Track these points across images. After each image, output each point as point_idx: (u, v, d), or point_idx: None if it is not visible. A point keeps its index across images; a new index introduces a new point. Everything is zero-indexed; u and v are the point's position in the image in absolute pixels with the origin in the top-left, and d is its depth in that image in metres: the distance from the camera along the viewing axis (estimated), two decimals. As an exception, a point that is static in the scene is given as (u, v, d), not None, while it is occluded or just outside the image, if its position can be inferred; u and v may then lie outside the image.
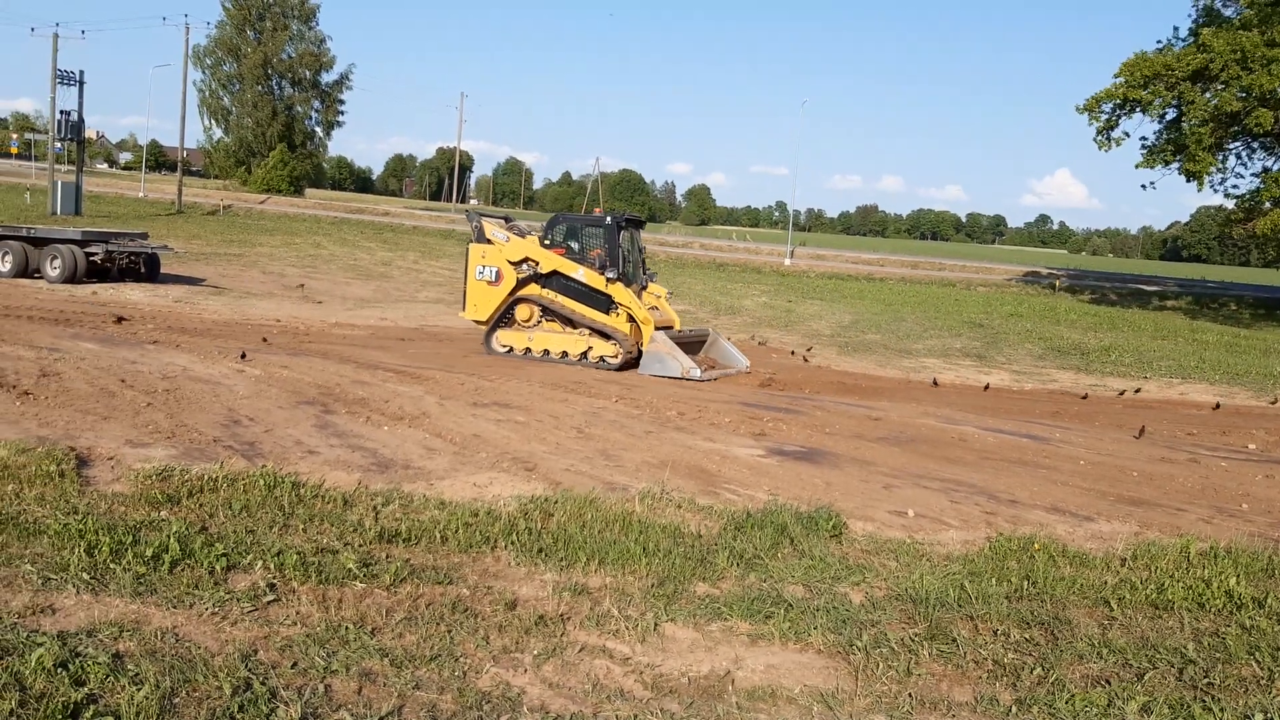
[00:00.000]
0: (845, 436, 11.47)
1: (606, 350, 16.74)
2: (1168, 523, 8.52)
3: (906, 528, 7.84)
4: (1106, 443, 12.55)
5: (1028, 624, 5.86)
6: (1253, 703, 4.90)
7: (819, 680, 5.05)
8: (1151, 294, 46.44)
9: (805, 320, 26.71)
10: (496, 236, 17.51)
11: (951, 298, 37.97)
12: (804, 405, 13.61)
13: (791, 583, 6.33)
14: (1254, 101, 34.83)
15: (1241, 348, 26.27)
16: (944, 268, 55.64)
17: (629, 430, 10.81)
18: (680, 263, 48.83)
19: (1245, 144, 40.55)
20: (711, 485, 8.70)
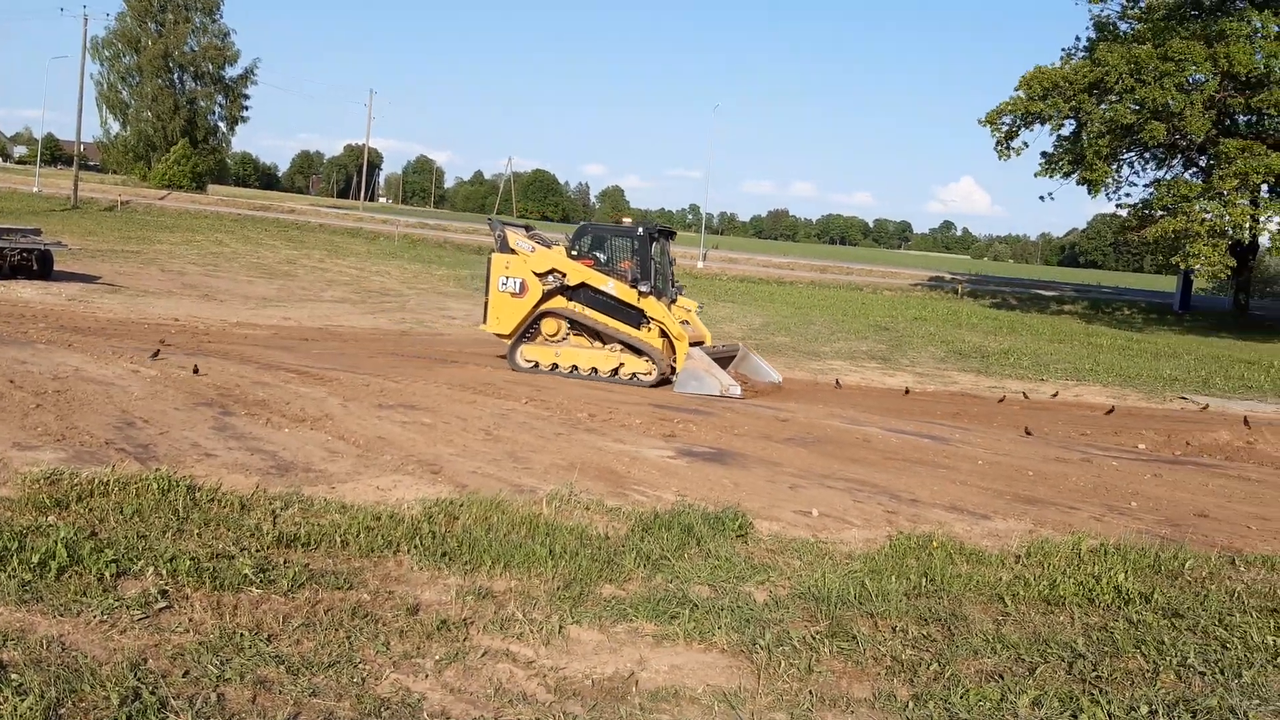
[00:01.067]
0: (753, 438, 11.58)
1: (640, 367, 16.06)
2: (1061, 520, 8.78)
3: (811, 527, 7.94)
4: (1004, 443, 12.89)
5: (925, 620, 5.98)
6: (1139, 695, 5.06)
7: (722, 679, 5.08)
8: (1050, 299, 47.89)
9: (717, 322, 26.88)
10: (521, 246, 16.55)
11: (859, 301, 38.66)
12: (714, 407, 13.72)
13: (697, 583, 6.36)
14: (1147, 114, 36.17)
15: (1134, 351, 27.26)
16: (852, 272, 56.63)
17: (538, 432, 10.76)
18: (592, 264, 48.84)
19: (1139, 155, 42.14)
20: (620, 487, 8.71)
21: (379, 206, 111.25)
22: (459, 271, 35.56)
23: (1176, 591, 6.82)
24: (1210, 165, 37.64)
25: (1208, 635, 5.96)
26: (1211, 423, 15.65)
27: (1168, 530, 8.68)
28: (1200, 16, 37.24)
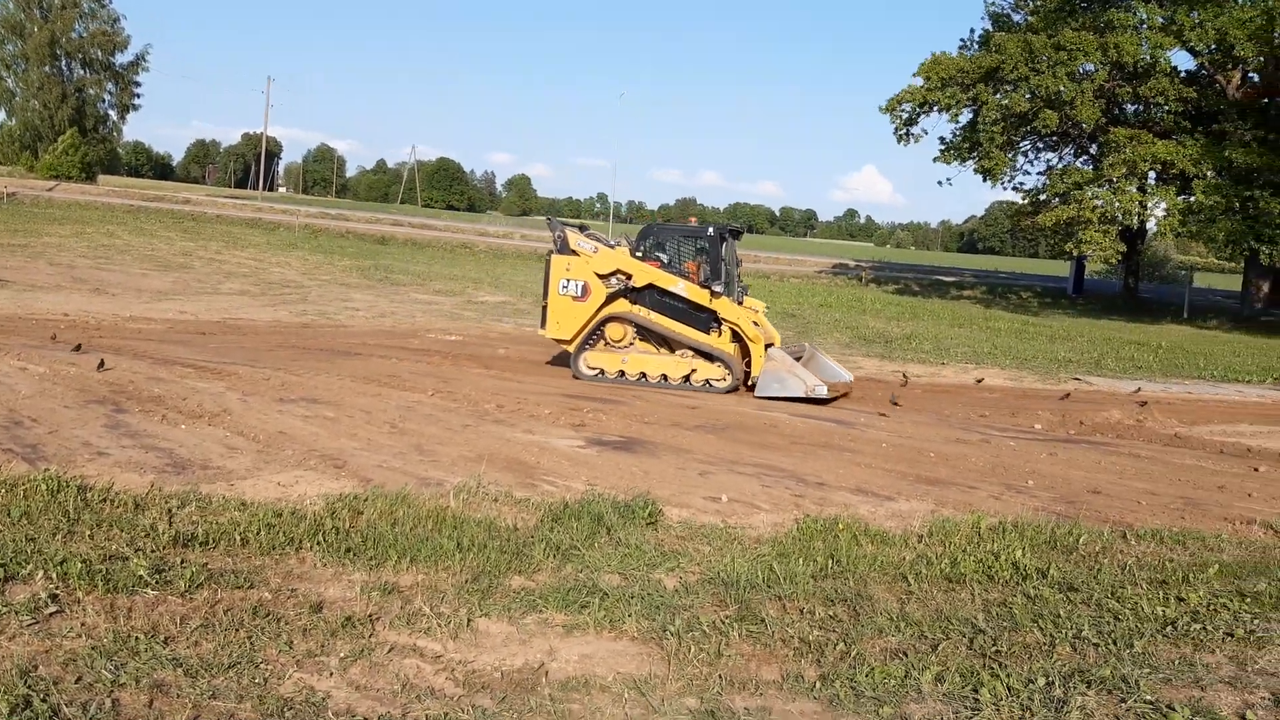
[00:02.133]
0: (663, 425, 11.61)
1: (713, 373, 15.21)
2: (961, 500, 8.99)
3: (720, 513, 8.00)
4: (907, 426, 13.14)
5: (832, 601, 6.07)
6: (1036, 667, 5.21)
7: (632, 667, 5.09)
8: (950, 284, 49.04)
9: (625, 311, 26.94)
10: (583, 247, 15.55)
11: (766, 289, 39.02)
12: (624, 395, 13.72)
13: (608, 572, 6.35)
14: (1040, 102, 37.21)
15: (1029, 334, 28.04)
16: (759, 260, 57.14)
17: (445, 424, 10.63)
18: (501, 253, 48.51)
19: (1033, 143, 43.39)
20: (530, 477, 8.65)
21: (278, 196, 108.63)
22: (362, 262, 34.97)
23: (1071, 566, 7.04)
24: (1100, 153, 38.90)
25: (1101, 608, 6.17)
26: (1104, 402, 16.18)
27: (1063, 507, 8.95)
28: (1090, 8, 38.42)
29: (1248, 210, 33.98)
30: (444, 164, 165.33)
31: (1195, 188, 36.08)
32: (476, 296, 27.57)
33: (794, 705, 4.73)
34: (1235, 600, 6.37)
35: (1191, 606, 6.19)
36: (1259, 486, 10.33)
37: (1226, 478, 10.75)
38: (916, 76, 40.13)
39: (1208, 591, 6.50)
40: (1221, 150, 34.79)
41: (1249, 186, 33.91)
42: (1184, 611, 6.10)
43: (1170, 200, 37.20)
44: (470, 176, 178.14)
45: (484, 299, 27.18)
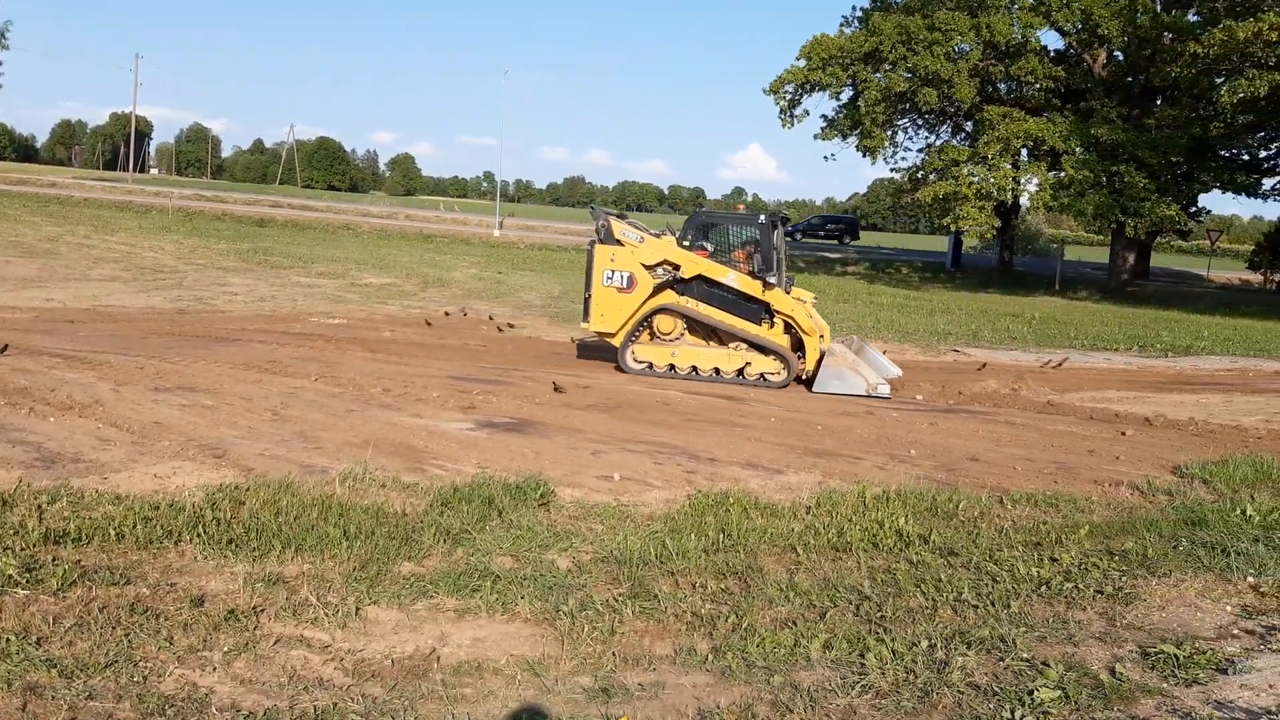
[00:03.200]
0: (554, 406, 11.57)
1: (768, 366, 14.66)
2: (847, 471, 9.19)
3: (613, 491, 8.02)
4: (795, 400, 13.38)
5: (723, 574, 6.15)
6: (919, 631, 5.37)
7: (526, 649, 5.07)
8: (835, 261, 49.97)
9: (516, 291, 26.75)
10: (628, 237, 14.96)
11: (655, 267, 39.21)
12: (514, 377, 13.62)
13: (500, 554, 6.32)
14: (919, 81, 38.09)
15: (911, 308, 28.76)
16: (648, 238, 57.31)
17: (330, 410, 10.41)
18: (385, 234, 47.62)
19: (912, 121, 44.44)
20: (418, 462, 8.54)
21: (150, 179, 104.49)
22: (240, 245, 33.92)
23: (952, 531, 7.27)
24: (976, 131, 40.05)
25: (980, 571, 6.38)
26: (981, 373, 16.71)
27: (943, 475, 9.22)
28: (964, -12, 39.44)
29: (1114, 184, 35.40)
30: (324, 143, 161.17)
31: (1065, 163, 37.42)
32: (361, 279, 27.01)
33: (686, 679, 4.78)
34: (1105, 559, 6.65)
35: (1064, 566, 6.45)
36: (1126, 450, 10.81)
37: (1096, 442, 11.22)
38: (799, 58, 40.65)
39: (1079, 551, 6.78)
40: (1089, 127, 36.15)
41: (1115, 161, 35.32)
42: (1057, 571, 6.35)
43: (1041, 176, 38.52)
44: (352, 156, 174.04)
45: (368, 281, 26.66)
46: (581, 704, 4.50)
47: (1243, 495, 8.49)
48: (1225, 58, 29.92)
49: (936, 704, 4.54)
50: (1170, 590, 6.16)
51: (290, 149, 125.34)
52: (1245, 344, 22.26)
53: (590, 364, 15.78)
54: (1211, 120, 35.00)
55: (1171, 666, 4.94)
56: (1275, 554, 6.82)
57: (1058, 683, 4.69)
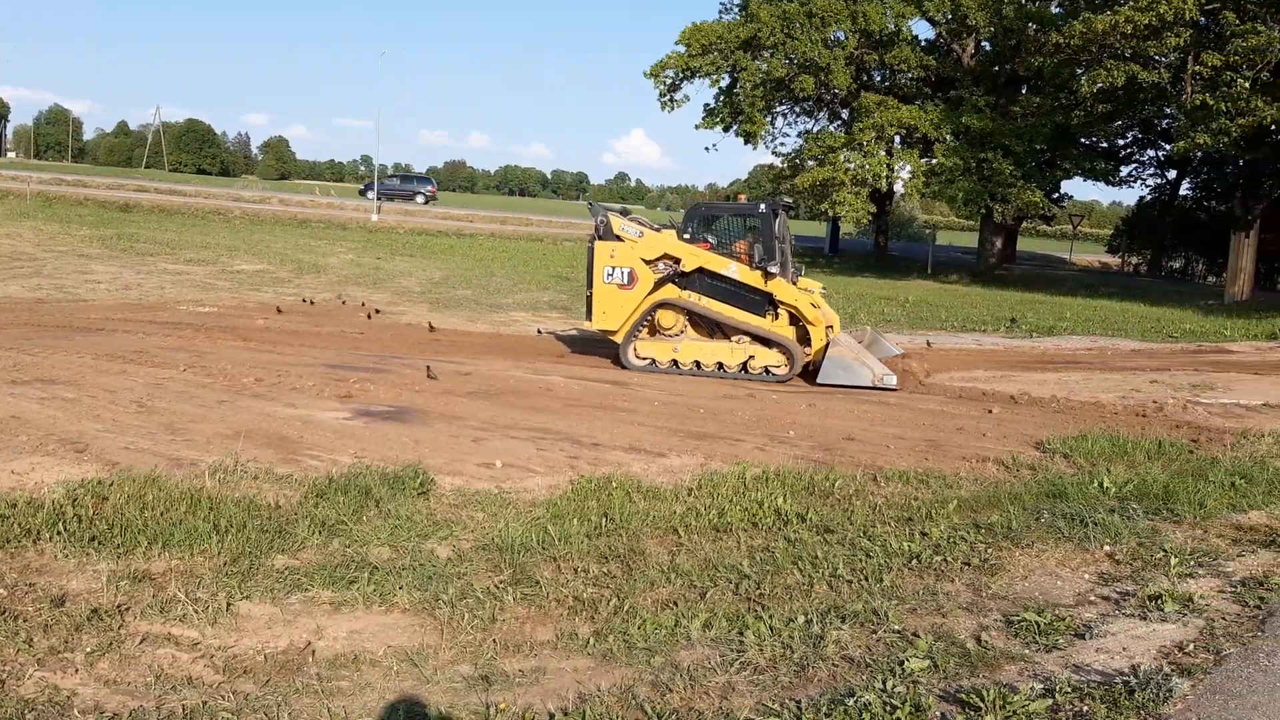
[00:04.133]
0: (435, 393, 11.42)
1: (772, 359, 14.36)
2: (728, 452, 9.31)
3: (495, 479, 7.96)
4: (678, 384, 13.48)
5: (606, 558, 6.17)
6: (796, 607, 5.48)
7: (404, 639, 5.01)
8: (717, 245, 50.38)
9: (395, 277, 26.26)
10: (627, 232, 14.57)
11: (540, 252, 39.01)
12: (393, 364, 13.38)
13: (377, 545, 6.22)
14: (796, 68, 38.71)
15: (791, 292, 29.27)
16: (532, 223, 57.09)
17: (199, 401, 10.06)
18: (258, 219, 46.21)
19: (791, 107, 45.13)
20: (292, 453, 8.32)
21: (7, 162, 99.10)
22: (104, 231, 32.47)
23: (828, 509, 7.44)
24: (852, 118, 40.91)
25: (854, 546, 6.55)
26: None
27: (821, 454, 9.42)
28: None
29: (982, 171, 36.60)
30: (193, 125, 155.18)
31: (936, 151, 38.55)
32: (232, 265, 26.17)
33: (568, 663, 4.78)
34: (972, 532, 6.90)
35: (934, 540, 6.67)
36: (993, 427, 11.21)
37: (965, 420, 11.61)
38: (679, 44, 40.86)
39: (948, 525, 7.02)
40: (959, 115, 37.29)
41: (983, 149, 36.51)
42: (927, 545, 6.56)
43: (914, 163, 39.59)
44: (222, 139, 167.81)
45: (241, 268, 25.84)
46: (461, 693, 4.47)
47: (1100, 468, 8.90)
48: (1085, 49, 31.13)
49: (812, 678, 4.64)
50: (1033, 560, 6.43)
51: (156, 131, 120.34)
52: (1104, 324, 23.31)
53: (471, 351, 15.62)
54: (1073, 109, 36.46)
55: (1033, 633, 5.16)
56: (1129, 524, 7.17)
57: (927, 653, 4.85)
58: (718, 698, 4.42)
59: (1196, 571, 6.24)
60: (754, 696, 4.43)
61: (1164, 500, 7.75)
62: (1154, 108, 35.58)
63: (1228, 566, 6.36)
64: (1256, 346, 20.26)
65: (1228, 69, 29.36)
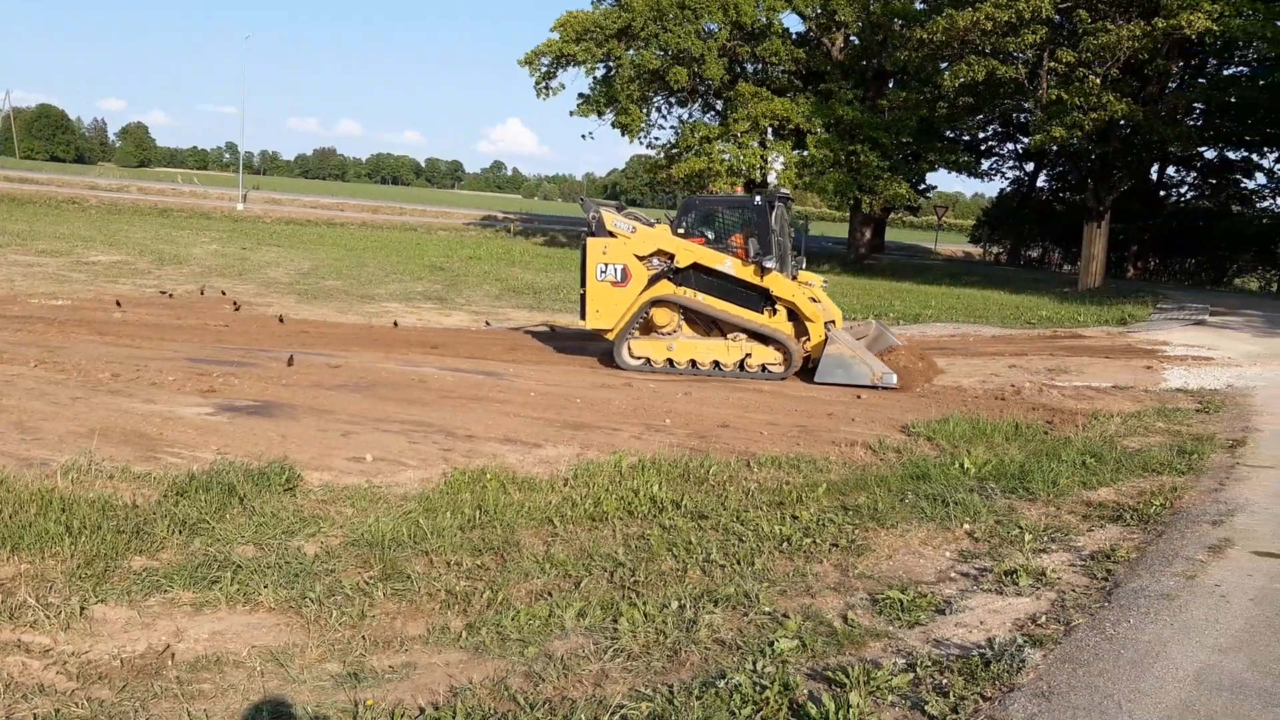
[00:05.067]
0: (303, 387, 11.13)
1: (769, 357, 13.99)
2: (605, 442, 9.33)
3: (365, 473, 7.80)
4: (556, 374, 13.45)
5: (480, 551, 6.11)
6: (670, 593, 5.53)
7: (269, 639, 4.87)
8: (594, 235, 50.41)
9: (262, 268, 25.51)
10: (620, 228, 14.11)
11: (413, 242, 38.41)
12: (259, 358, 13.00)
13: (241, 543, 6.03)
14: (671, 59, 38.96)
15: (667, 281, 29.49)
16: (405, 212, 56.18)
17: (51, 398, 9.59)
18: (116, 208, 44.28)
19: (665, 98, 45.39)
20: (151, 450, 8.00)
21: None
22: (-53, 221, 30.71)
23: (702, 495, 7.53)
24: (726, 109, 41.39)
25: (727, 532, 6.64)
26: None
27: (696, 442, 9.53)
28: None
29: (851, 163, 37.50)
30: (45, 111, 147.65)
31: (809, 143, 39.31)
32: (88, 256, 25.02)
33: (439, 657, 4.73)
34: (840, 514, 7.09)
35: (804, 523, 6.82)
36: (861, 412, 11.52)
37: (834, 406, 11.89)
38: (554, 30, 40.69)
39: (818, 508, 7.19)
40: (829, 108, 38.10)
41: (852, 141, 37.41)
42: (797, 528, 6.71)
43: (787, 154, 40.30)
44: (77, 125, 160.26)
45: (97, 259, 24.73)
46: (329, 691, 4.37)
47: (961, 450, 9.24)
48: (948, 44, 32.15)
49: (685, 661, 4.70)
50: (897, 540, 6.64)
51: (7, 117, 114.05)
52: (967, 311, 24.17)
53: (341, 343, 15.27)
54: (937, 103, 37.65)
55: (897, 610, 5.32)
56: (988, 503, 7.47)
57: (796, 633, 4.96)
58: (591, 685, 4.44)
59: (1049, 547, 6.54)
60: (627, 683, 4.46)
61: (1020, 480, 8.09)
62: (1013, 102, 37.00)
63: (1078, 541, 6.68)
64: (1107, 331, 21.31)
65: (1080, 65, 30.76)
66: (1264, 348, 18.83)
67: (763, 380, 13.68)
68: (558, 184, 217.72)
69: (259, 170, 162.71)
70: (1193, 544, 6.53)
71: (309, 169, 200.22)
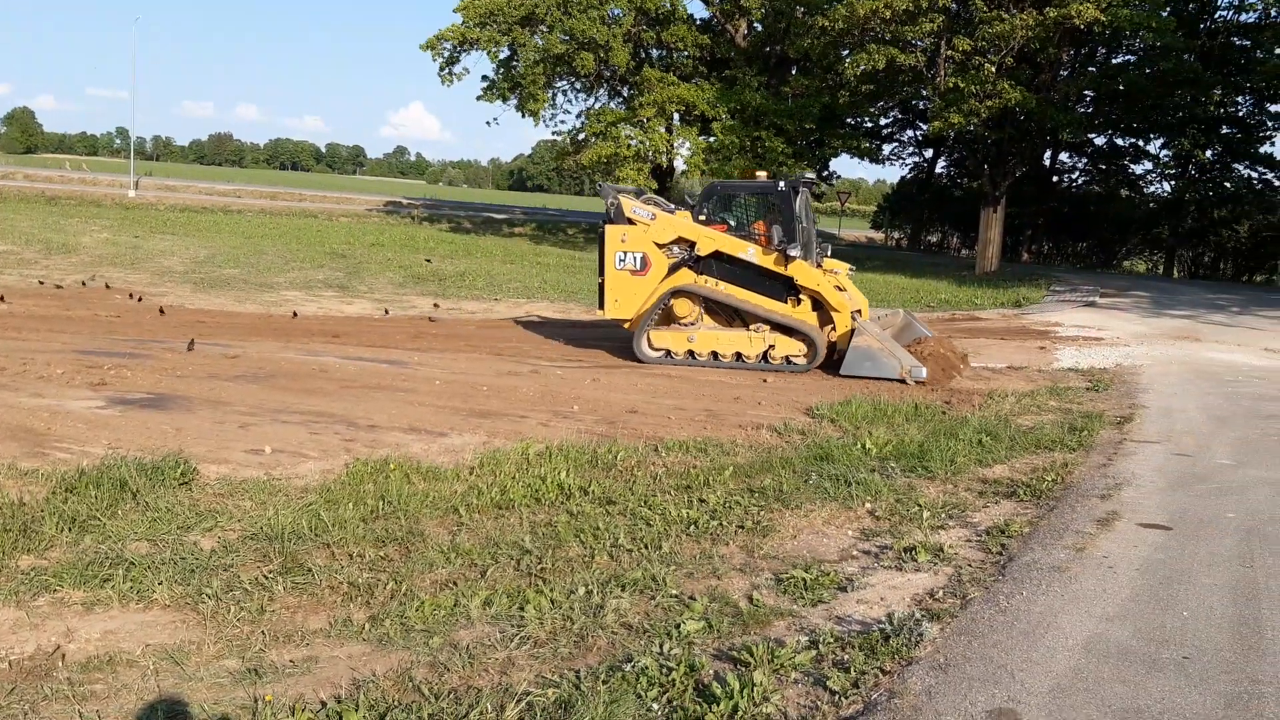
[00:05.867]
0: (199, 378, 10.83)
1: (793, 348, 13.53)
2: (512, 429, 9.27)
3: (264, 465, 7.63)
4: (462, 362, 13.31)
5: (383, 542, 6.03)
6: (577, 579, 5.53)
7: (165, 637, 4.74)
8: (501, 222, 50.17)
9: (155, 257, 24.72)
10: (639, 215, 13.66)
11: (314, 229, 37.61)
12: (153, 349, 12.60)
13: (134, 540, 5.84)
14: (576, 45, 38.78)
15: (576, 268, 29.44)
16: (305, 199, 55.00)
17: (-72, 393, 9.17)
18: (1, 196, 42.44)
19: (571, 83, 45.20)
20: (39, 446, 7.70)
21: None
22: None
23: (610, 481, 7.53)
24: (632, 95, 41.40)
25: (635, 516, 6.66)
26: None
27: (605, 428, 9.53)
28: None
29: (757, 149, 37.83)
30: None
31: (715, 128, 39.53)
32: (-31, 245, 23.97)
33: (342, 650, 4.65)
34: (746, 496, 7.17)
35: (711, 506, 6.88)
36: (767, 395, 11.66)
37: (741, 390, 12.02)
38: (457, 13, 40.15)
39: (724, 491, 7.26)
40: (734, 94, 38.37)
41: (757, 127, 37.75)
42: (704, 511, 6.76)
43: (693, 139, 40.47)
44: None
45: (-21, 248, 23.70)
46: (227, 688, 4.27)
47: (863, 431, 9.42)
48: (849, 32, 32.65)
49: (592, 647, 4.70)
50: (802, 520, 6.74)
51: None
52: (869, 295, 24.41)
53: (238, 332, 14.90)
54: (839, 90, 38.17)
55: (800, 589, 5.41)
56: (889, 482, 7.64)
57: (702, 614, 5.01)
58: (497, 674, 4.41)
59: (947, 523, 6.72)
60: (533, 670, 4.45)
61: (919, 459, 8.29)
62: (912, 89, 37.76)
63: (974, 517, 6.87)
64: (1003, 313, 21.93)
65: (976, 54, 31.53)
66: (1150, 327, 19.60)
67: (671, 366, 13.73)
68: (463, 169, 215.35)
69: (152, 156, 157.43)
70: (1082, 517, 6.77)
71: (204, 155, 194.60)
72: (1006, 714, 4.01)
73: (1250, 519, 6.91)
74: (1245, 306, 25.07)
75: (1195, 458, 8.79)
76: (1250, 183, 41.41)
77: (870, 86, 36.97)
